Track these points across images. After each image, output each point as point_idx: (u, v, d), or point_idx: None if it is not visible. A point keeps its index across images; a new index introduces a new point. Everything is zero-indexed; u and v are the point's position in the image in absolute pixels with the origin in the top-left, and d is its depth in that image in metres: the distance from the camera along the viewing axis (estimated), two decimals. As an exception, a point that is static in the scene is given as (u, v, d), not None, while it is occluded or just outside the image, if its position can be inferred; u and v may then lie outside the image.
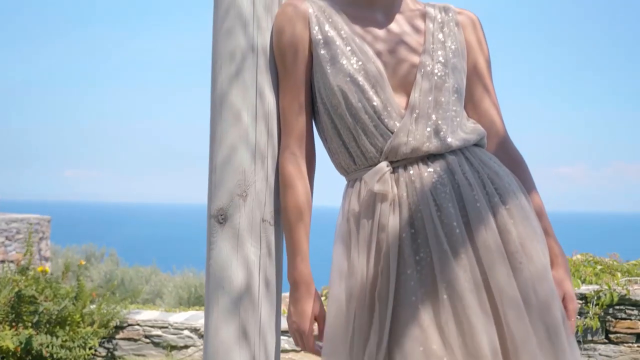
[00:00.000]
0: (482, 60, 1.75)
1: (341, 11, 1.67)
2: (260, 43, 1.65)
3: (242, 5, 1.64)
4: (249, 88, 1.63)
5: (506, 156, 1.71)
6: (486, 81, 1.75)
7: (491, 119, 1.73)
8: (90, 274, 16.53)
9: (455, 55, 1.67)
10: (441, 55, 1.65)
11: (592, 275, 4.88)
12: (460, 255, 1.49)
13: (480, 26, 1.76)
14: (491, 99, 1.75)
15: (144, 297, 16.16)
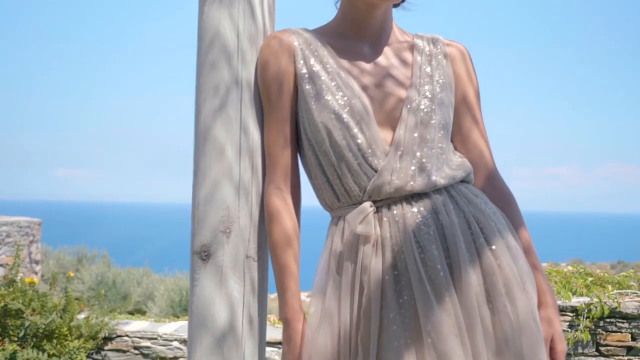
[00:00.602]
0: (472, 91, 1.73)
1: (327, 44, 1.65)
2: (244, 77, 1.62)
3: (227, 37, 1.61)
4: (233, 122, 1.60)
5: (494, 191, 1.69)
6: (475, 113, 1.72)
7: (480, 151, 1.71)
8: (82, 276, 16.46)
9: (442, 90, 1.65)
10: (428, 89, 1.63)
11: (583, 287, 4.86)
12: (444, 299, 1.47)
13: (470, 58, 1.74)
14: (480, 131, 1.72)
15: (136, 300, 16.12)
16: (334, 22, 1.69)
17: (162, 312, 14.88)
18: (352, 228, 1.53)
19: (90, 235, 63.24)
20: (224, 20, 1.61)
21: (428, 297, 1.47)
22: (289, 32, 1.64)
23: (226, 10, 1.61)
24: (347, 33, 1.66)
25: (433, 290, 1.47)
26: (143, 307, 15.80)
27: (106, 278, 15.95)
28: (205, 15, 1.62)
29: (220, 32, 1.60)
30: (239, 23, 1.61)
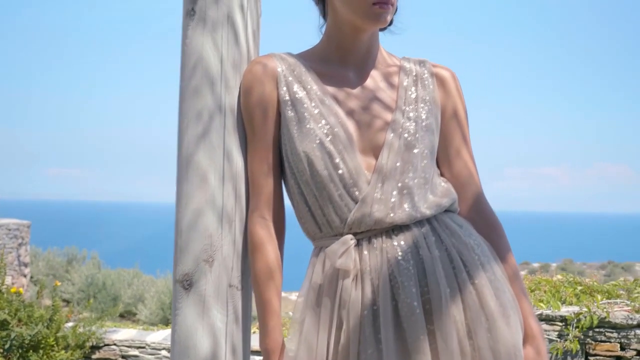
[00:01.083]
0: (462, 110, 1.70)
1: (311, 69, 1.62)
2: (228, 103, 1.59)
3: (210, 63, 1.58)
4: (216, 149, 1.58)
5: (480, 218, 1.67)
6: (465, 131, 1.70)
7: (470, 171, 1.68)
8: (72, 278, 16.38)
9: (429, 113, 1.63)
10: (414, 112, 1.61)
11: (572, 296, 4.86)
12: (419, 337, 1.45)
13: (456, 82, 1.71)
14: (469, 151, 1.70)
15: (126, 302, 16.05)
16: (319, 47, 1.67)
17: (152, 314, 14.84)
18: (332, 262, 1.51)
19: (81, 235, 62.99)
20: (207, 45, 1.58)
21: (403, 334, 1.45)
22: (272, 57, 1.62)
23: (209, 36, 1.58)
24: (332, 57, 1.64)
25: (408, 328, 1.46)
26: (133, 309, 15.74)
27: (96, 280, 15.88)
28: (188, 39, 1.60)
29: (203, 57, 1.58)
30: (223, 48, 1.59)
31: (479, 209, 1.68)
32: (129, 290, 16.28)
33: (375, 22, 1.58)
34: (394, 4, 1.58)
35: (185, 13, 1.61)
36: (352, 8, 1.57)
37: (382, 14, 1.56)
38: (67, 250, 19.31)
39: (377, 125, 1.59)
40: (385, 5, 1.55)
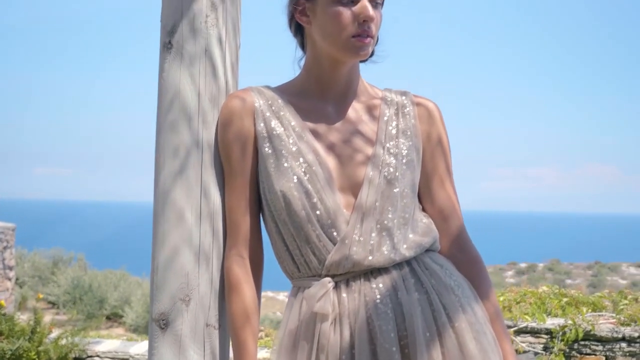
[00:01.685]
0: (445, 140, 1.67)
1: (290, 103, 1.59)
2: (205, 138, 1.56)
3: (187, 98, 1.55)
4: (193, 186, 1.54)
5: (462, 254, 1.64)
6: (449, 162, 1.67)
7: (453, 203, 1.66)
8: (57, 280, 16.25)
9: (410, 149, 1.60)
10: (395, 148, 1.58)
11: (558, 307, 4.86)
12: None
13: (440, 113, 1.68)
14: (452, 183, 1.67)
15: (112, 304, 15.96)
16: (298, 80, 1.64)
17: (138, 317, 14.75)
18: (310, 305, 1.49)
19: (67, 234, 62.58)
20: (185, 79, 1.55)
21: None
22: (250, 92, 1.59)
23: (187, 70, 1.55)
24: (311, 91, 1.61)
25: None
26: (120, 311, 15.65)
27: (82, 282, 15.75)
28: (165, 73, 1.57)
29: (180, 91, 1.55)
30: (200, 83, 1.55)
31: (460, 244, 1.65)
32: (115, 292, 16.18)
33: (355, 55, 1.55)
34: (373, 37, 1.55)
35: (162, 46, 1.57)
36: (331, 41, 1.54)
37: (362, 47, 1.53)
38: (53, 251, 19.16)
39: (358, 160, 1.56)
40: (363, 38, 1.52)
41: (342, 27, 1.51)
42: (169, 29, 1.56)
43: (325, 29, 1.54)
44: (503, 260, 40.04)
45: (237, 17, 1.63)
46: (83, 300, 15.46)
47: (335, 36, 1.53)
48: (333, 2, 1.52)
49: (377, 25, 1.55)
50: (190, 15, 1.55)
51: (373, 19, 1.52)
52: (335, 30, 1.52)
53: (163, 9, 1.59)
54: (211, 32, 1.56)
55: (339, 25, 1.52)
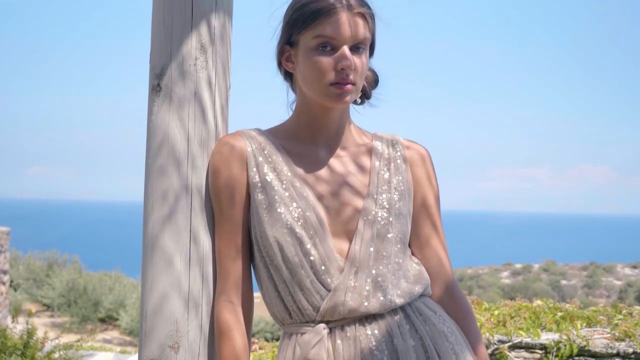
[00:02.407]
0: (432, 196, 1.66)
1: (282, 148, 1.57)
2: (194, 183, 1.54)
3: (176, 142, 1.53)
4: (182, 231, 1.52)
5: (452, 304, 1.64)
6: (435, 219, 1.66)
7: (439, 260, 1.65)
8: (52, 282, 16.22)
9: (401, 198, 1.59)
10: (386, 199, 1.57)
11: (553, 322, 4.85)
12: None
13: (430, 161, 1.67)
14: (439, 238, 1.66)
15: (107, 307, 15.93)
16: (289, 123, 1.62)
17: (133, 321, 14.74)
18: (305, 353, 1.47)
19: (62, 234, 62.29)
20: (174, 123, 1.53)
21: None
22: (241, 137, 1.57)
23: (176, 113, 1.53)
24: (302, 135, 1.59)
25: None
26: (114, 314, 15.63)
27: (77, 285, 15.74)
28: (154, 116, 1.54)
29: (169, 135, 1.53)
30: (189, 126, 1.53)
31: (451, 295, 1.65)
32: (110, 296, 16.17)
33: (335, 102, 1.52)
34: (355, 83, 1.52)
35: (151, 88, 1.55)
36: (311, 88, 1.53)
37: (340, 94, 1.51)
38: (48, 254, 19.13)
39: (348, 212, 1.55)
40: (342, 85, 1.50)
41: (321, 75, 1.50)
42: (157, 72, 1.54)
43: (305, 75, 1.53)
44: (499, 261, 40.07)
45: (227, 58, 1.60)
46: (78, 304, 15.44)
47: (315, 83, 1.52)
48: (312, 50, 1.51)
49: (359, 72, 1.52)
50: (179, 57, 1.53)
51: (352, 67, 1.50)
52: (314, 78, 1.51)
53: (152, 50, 1.57)
54: (200, 75, 1.54)
55: (318, 72, 1.50)
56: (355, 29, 1.50)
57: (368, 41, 1.54)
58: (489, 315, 4.94)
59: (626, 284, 30.66)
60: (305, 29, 1.51)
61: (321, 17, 1.49)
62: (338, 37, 1.49)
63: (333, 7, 1.49)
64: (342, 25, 1.49)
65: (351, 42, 1.50)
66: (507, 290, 31.83)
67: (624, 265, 34.60)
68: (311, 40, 1.51)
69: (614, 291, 30.95)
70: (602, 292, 31.48)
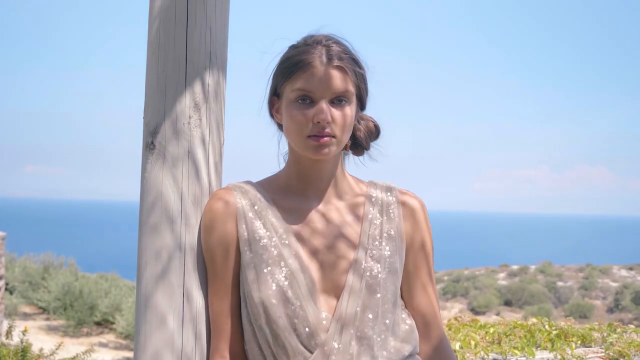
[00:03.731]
0: (429, 244, 1.66)
1: (274, 203, 1.57)
2: (188, 241, 1.54)
3: (169, 200, 1.53)
4: (176, 290, 1.53)
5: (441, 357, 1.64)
6: (431, 267, 1.66)
7: (433, 311, 1.65)
8: (48, 285, 16.19)
9: (393, 252, 1.58)
10: (377, 252, 1.56)
11: (547, 340, 4.86)
12: None
13: (424, 213, 1.66)
14: (433, 289, 1.66)
15: (103, 311, 15.90)
16: (281, 175, 1.63)
17: (129, 325, 14.70)
18: None
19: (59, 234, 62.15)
20: (167, 181, 1.53)
21: None
22: (233, 192, 1.57)
23: (169, 172, 1.53)
24: (294, 187, 1.60)
25: None
26: (110, 318, 15.59)
27: (73, 288, 15.71)
28: (147, 173, 1.54)
29: (162, 193, 1.53)
30: (183, 185, 1.54)
31: (439, 349, 1.65)
32: (106, 299, 16.13)
33: (315, 154, 1.52)
34: (335, 135, 1.52)
35: (144, 146, 1.55)
36: (292, 140, 1.55)
37: (318, 147, 1.51)
38: (44, 256, 19.08)
39: (341, 266, 1.55)
40: (319, 138, 1.50)
41: (300, 127, 1.51)
42: (151, 129, 1.54)
43: (287, 127, 1.55)
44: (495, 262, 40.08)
45: (220, 115, 1.61)
46: (74, 307, 15.40)
47: (294, 135, 1.53)
48: (292, 102, 1.52)
49: (339, 124, 1.51)
50: (173, 116, 1.53)
51: (327, 120, 1.49)
52: (294, 130, 1.52)
53: (146, 107, 1.57)
54: (194, 134, 1.54)
55: (297, 125, 1.51)
56: (334, 82, 1.50)
57: (351, 94, 1.53)
58: (484, 333, 4.94)
59: (622, 286, 30.66)
60: (287, 81, 1.53)
61: (300, 70, 1.51)
62: (315, 90, 1.50)
63: (312, 61, 1.50)
64: (320, 79, 1.50)
65: (330, 96, 1.51)
66: (504, 291, 31.85)
67: (620, 267, 34.61)
68: (291, 92, 1.52)
69: (610, 293, 30.93)
70: (598, 293, 31.47)
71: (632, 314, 28.63)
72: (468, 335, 4.82)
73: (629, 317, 28.54)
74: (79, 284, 16.14)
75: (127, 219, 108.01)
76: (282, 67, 1.55)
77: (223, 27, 1.60)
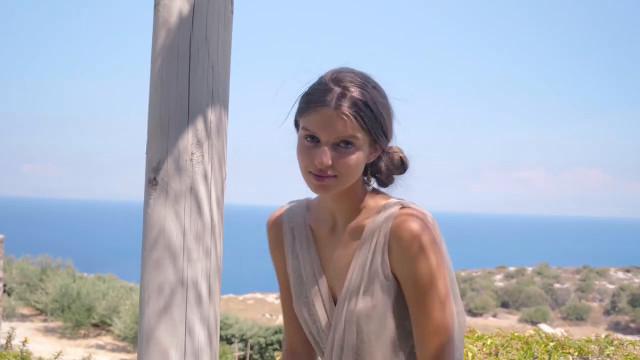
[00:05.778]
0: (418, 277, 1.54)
1: (310, 229, 1.69)
2: (190, 276, 1.56)
3: (172, 236, 1.55)
4: (178, 325, 1.55)
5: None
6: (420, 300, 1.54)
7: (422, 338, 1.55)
8: (46, 287, 16.19)
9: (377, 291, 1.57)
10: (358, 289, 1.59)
11: (545, 352, 4.88)
12: None
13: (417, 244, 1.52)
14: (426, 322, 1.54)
15: (100, 313, 15.90)
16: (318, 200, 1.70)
17: (127, 328, 14.71)
18: None
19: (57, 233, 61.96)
20: (170, 217, 1.55)
21: None
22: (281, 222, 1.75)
23: (172, 208, 1.55)
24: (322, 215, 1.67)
25: None
26: (108, 320, 15.60)
27: (70, 290, 15.71)
28: (150, 209, 1.56)
29: (165, 229, 1.55)
30: (185, 220, 1.55)
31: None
32: (104, 301, 16.13)
33: (314, 191, 1.56)
34: (338, 175, 1.51)
35: (147, 181, 1.57)
36: (300, 170, 1.59)
37: (319, 186, 1.53)
38: (41, 258, 19.09)
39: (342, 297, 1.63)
40: (319, 177, 1.52)
41: (304, 163, 1.55)
42: (154, 165, 1.56)
43: (297, 157, 1.58)
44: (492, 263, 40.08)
45: (222, 151, 1.63)
46: (71, 309, 15.41)
47: (300, 167, 1.57)
48: (302, 138, 1.55)
49: (342, 167, 1.51)
50: (176, 153, 1.55)
51: (327, 165, 1.50)
52: (300, 163, 1.57)
53: (148, 144, 1.59)
54: (197, 170, 1.56)
55: (301, 160, 1.55)
56: (339, 127, 1.50)
57: (357, 139, 1.51)
58: (481, 345, 4.96)
59: (619, 288, 30.66)
60: (300, 117, 1.56)
61: (309, 110, 1.53)
62: (320, 133, 1.51)
63: (321, 104, 1.51)
64: (326, 123, 1.50)
65: (334, 140, 1.51)
66: (501, 293, 31.88)
67: (617, 269, 34.64)
68: (302, 129, 1.55)
69: (607, 295, 30.94)
70: (595, 295, 31.48)
71: (628, 316, 28.64)
72: (465, 347, 4.85)
73: (626, 319, 28.55)
74: (77, 285, 16.14)
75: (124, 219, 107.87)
76: (301, 101, 1.58)
77: (225, 64, 1.62)
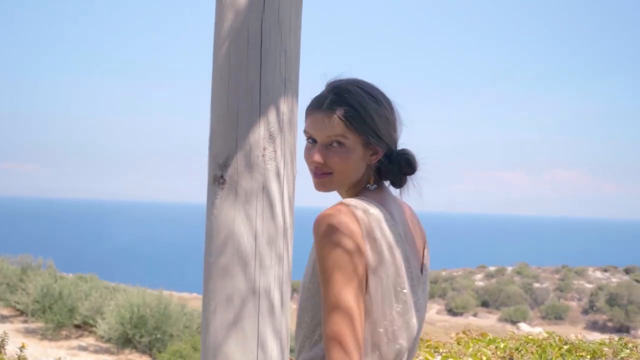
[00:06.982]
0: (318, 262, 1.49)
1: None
2: (262, 284, 1.41)
3: (242, 240, 1.39)
4: (249, 338, 1.39)
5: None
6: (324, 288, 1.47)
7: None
8: (26, 287, 15.87)
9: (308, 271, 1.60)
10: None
11: (559, 356, 4.79)
12: None
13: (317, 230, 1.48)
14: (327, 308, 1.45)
15: (83, 314, 15.62)
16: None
17: (111, 329, 14.45)
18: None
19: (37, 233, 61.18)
20: (240, 219, 1.39)
21: None
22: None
23: (242, 209, 1.39)
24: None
25: None
26: (91, 321, 15.32)
27: (52, 290, 15.40)
28: (217, 210, 1.41)
29: (234, 233, 1.39)
30: (257, 223, 1.40)
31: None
32: (87, 302, 15.85)
33: (316, 188, 1.61)
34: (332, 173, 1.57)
35: (212, 179, 1.42)
36: None
37: (317, 182, 1.59)
38: (22, 258, 18.77)
39: None
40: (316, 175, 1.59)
41: (306, 161, 1.61)
42: (220, 162, 1.41)
43: None
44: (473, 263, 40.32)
45: (294, 146, 1.48)
46: (53, 309, 15.10)
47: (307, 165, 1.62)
48: (305, 139, 1.62)
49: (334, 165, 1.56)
50: (246, 147, 1.40)
51: (318, 163, 1.57)
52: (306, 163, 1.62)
53: (213, 137, 1.43)
54: (269, 167, 1.41)
55: (305, 160, 1.61)
56: (328, 128, 1.56)
57: (348, 139, 1.55)
58: (495, 348, 4.86)
59: (597, 287, 30.92)
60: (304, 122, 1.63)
61: (308, 115, 1.61)
62: (315, 134, 1.58)
63: (314, 107, 1.59)
64: (316, 124, 1.57)
65: (325, 139, 1.57)
66: (481, 292, 31.98)
67: (595, 269, 34.93)
68: (304, 132, 1.62)
69: (585, 294, 31.18)
70: (574, 295, 31.71)
71: (606, 315, 28.87)
72: (479, 351, 4.74)
73: (604, 318, 28.78)
74: (58, 285, 15.83)
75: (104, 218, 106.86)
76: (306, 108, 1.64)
77: (296, 49, 1.47)
